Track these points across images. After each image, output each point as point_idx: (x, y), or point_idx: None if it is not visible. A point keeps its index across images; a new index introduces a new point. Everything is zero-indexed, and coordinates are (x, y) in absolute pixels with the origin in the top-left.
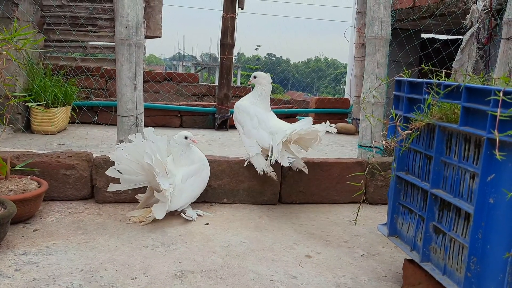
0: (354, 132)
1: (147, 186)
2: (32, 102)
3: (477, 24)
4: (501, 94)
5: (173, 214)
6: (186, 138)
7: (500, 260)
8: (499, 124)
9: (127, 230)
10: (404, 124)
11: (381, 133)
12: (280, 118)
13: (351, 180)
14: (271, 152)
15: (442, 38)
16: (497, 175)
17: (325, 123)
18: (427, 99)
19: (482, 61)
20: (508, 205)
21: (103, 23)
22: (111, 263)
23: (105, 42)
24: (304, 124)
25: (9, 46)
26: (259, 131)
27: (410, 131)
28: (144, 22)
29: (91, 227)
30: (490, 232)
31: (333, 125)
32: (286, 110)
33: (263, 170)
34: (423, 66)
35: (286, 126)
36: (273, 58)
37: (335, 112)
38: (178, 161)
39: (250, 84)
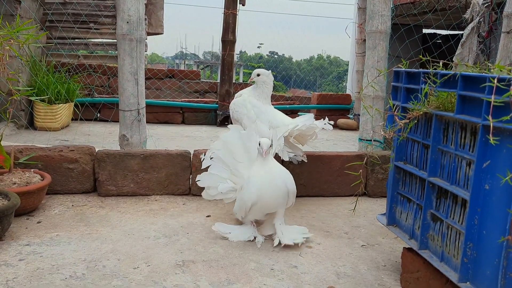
0: (356, 128)
1: None
2: (34, 97)
3: (478, 18)
4: (495, 81)
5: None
6: (259, 144)
7: (495, 245)
8: (494, 110)
9: (130, 222)
10: (402, 114)
11: (380, 124)
12: None
13: (352, 172)
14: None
15: (443, 33)
16: (493, 162)
17: (324, 119)
18: (424, 88)
19: (482, 54)
20: (503, 191)
21: (105, 20)
22: (113, 253)
23: (107, 39)
24: (306, 120)
25: (12, 41)
26: (257, 124)
27: (408, 121)
28: (145, 19)
29: (93, 219)
30: (486, 218)
31: (331, 122)
32: (287, 106)
33: None
34: (420, 56)
35: (288, 120)
36: (276, 56)
37: (336, 108)
38: None
39: (251, 81)
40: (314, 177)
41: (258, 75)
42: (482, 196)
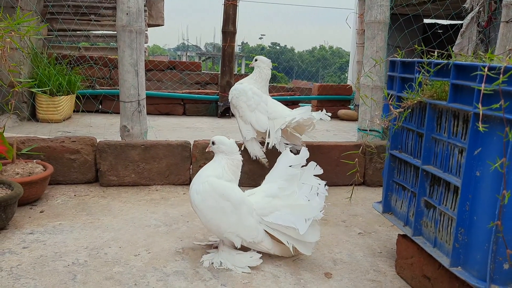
0: (357, 118)
1: None
2: (36, 88)
3: (477, 8)
4: (485, 70)
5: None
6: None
7: (485, 230)
8: (484, 98)
9: (131, 211)
10: (397, 103)
11: (376, 113)
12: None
13: (348, 161)
14: (268, 137)
15: (443, 23)
16: (484, 149)
17: (321, 111)
18: (418, 78)
19: (482, 44)
20: (493, 177)
21: (105, 11)
22: (115, 241)
23: (108, 30)
24: (303, 112)
25: (13, 33)
26: (256, 113)
27: (402, 110)
28: (146, 10)
29: (95, 209)
30: (476, 204)
31: (329, 113)
32: (288, 97)
33: (256, 156)
34: (416, 46)
35: (286, 112)
36: (278, 47)
37: (337, 98)
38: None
39: (251, 67)
40: None
41: (256, 60)
42: (473, 183)
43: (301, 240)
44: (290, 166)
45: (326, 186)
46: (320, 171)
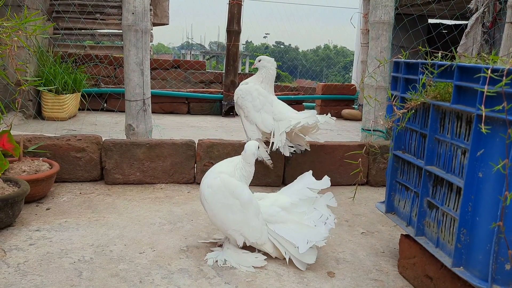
0: (360, 118)
1: None
2: (42, 87)
3: (482, 8)
4: (489, 72)
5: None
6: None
7: (487, 231)
8: (488, 100)
9: (136, 209)
10: (401, 104)
11: (380, 113)
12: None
13: (351, 161)
14: (272, 138)
15: (449, 23)
16: (486, 150)
17: (326, 115)
18: (422, 79)
19: (486, 45)
20: (495, 178)
21: (110, 10)
22: (120, 239)
23: (113, 29)
24: (309, 117)
25: (20, 32)
26: (262, 113)
27: (406, 110)
28: (151, 9)
29: (101, 207)
30: (479, 205)
31: (334, 117)
32: (292, 96)
33: (261, 157)
34: (420, 47)
35: (291, 114)
36: (282, 46)
37: (341, 98)
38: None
39: (254, 67)
40: (316, 167)
41: (260, 60)
42: (475, 184)
43: (297, 257)
44: (308, 188)
45: (335, 219)
46: (334, 203)
